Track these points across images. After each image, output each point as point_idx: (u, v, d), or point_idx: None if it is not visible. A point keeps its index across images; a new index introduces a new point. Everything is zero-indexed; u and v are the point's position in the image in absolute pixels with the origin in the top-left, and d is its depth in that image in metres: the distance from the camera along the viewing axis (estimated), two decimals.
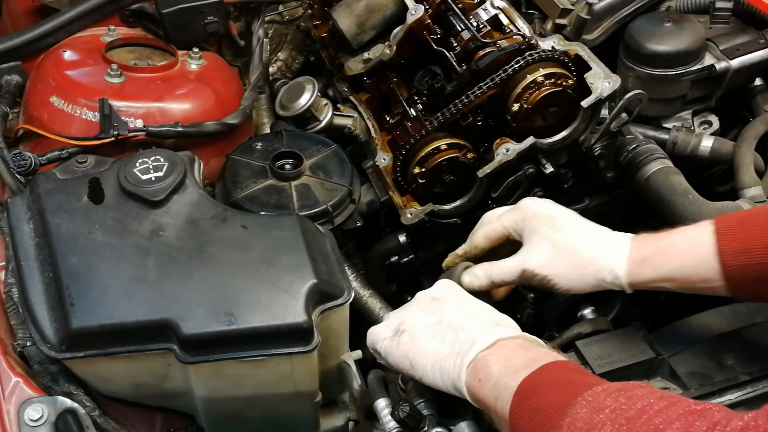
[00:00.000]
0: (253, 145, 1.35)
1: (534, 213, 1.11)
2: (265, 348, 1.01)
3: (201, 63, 1.41)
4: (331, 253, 1.14)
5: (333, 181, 1.31)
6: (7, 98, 1.40)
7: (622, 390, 0.83)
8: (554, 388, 0.88)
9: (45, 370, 1.05)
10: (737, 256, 0.98)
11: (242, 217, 1.12)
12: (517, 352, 0.95)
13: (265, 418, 1.13)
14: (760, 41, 1.48)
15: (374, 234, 1.48)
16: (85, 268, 1.03)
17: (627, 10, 1.52)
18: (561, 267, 1.07)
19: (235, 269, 1.05)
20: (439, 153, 1.34)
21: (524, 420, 0.87)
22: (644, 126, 1.51)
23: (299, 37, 1.79)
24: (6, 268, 1.11)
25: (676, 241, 1.03)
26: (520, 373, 0.90)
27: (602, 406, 0.81)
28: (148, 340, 1.01)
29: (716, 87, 1.50)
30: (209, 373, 1.03)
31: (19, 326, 1.08)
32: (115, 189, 1.12)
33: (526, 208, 1.12)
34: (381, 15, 1.49)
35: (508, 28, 1.39)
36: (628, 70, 1.47)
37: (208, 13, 1.43)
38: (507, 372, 0.92)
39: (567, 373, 0.91)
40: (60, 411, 1.01)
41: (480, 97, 1.33)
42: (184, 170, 1.14)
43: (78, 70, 1.36)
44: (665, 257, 1.03)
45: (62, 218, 1.09)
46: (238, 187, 1.27)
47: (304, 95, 1.43)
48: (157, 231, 1.08)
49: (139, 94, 1.32)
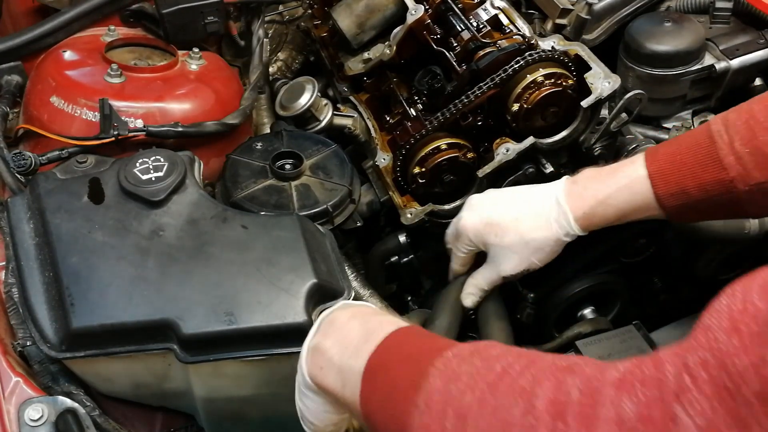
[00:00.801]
0: (253, 145, 1.35)
1: (474, 232, 1.16)
2: (265, 348, 1.01)
3: (201, 63, 1.41)
4: (331, 253, 1.14)
5: (333, 181, 1.31)
6: (7, 98, 1.40)
7: (475, 352, 0.77)
8: (404, 362, 0.82)
9: (45, 370, 1.06)
10: (674, 197, 1.04)
11: (242, 217, 1.13)
12: (350, 326, 0.91)
13: (265, 418, 1.13)
14: (760, 41, 1.48)
15: (374, 234, 1.48)
16: (86, 268, 1.03)
17: (627, 10, 1.52)
18: (530, 257, 1.13)
19: (235, 269, 1.05)
20: (439, 153, 1.34)
21: (376, 402, 0.82)
22: (644, 126, 1.51)
23: (299, 37, 1.79)
24: (6, 268, 1.11)
25: (615, 192, 1.08)
26: (364, 351, 0.85)
27: (458, 374, 0.74)
28: (148, 340, 1.01)
29: (716, 87, 1.49)
30: (209, 373, 1.03)
31: (19, 326, 1.08)
32: (116, 189, 1.12)
33: (466, 230, 1.17)
34: (381, 15, 1.49)
35: (508, 28, 1.39)
36: (628, 70, 1.47)
37: (208, 13, 1.43)
38: (348, 352, 0.87)
39: (414, 341, 0.86)
40: (60, 411, 1.01)
41: (480, 97, 1.33)
42: (184, 170, 1.15)
43: (78, 70, 1.36)
44: (607, 208, 1.08)
45: (62, 218, 1.09)
46: (238, 187, 1.27)
47: (304, 95, 1.43)
48: (157, 231, 1.08)
49: (139, 94, 1.32)
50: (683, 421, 0.53)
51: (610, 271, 1.41)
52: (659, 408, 0.56)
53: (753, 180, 0.97)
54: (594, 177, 1.11)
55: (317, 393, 0.92)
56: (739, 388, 0.50)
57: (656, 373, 0.58)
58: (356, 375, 0.85)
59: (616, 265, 1.41)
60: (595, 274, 1.40)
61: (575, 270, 1.39)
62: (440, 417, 0.73)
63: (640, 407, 0.58)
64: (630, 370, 0.62)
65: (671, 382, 0.56)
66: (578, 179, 1.12)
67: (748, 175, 0.98)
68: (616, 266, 1.41)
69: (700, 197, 1.02)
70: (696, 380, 0.53)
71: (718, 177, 1.00)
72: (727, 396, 0.51)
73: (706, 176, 1.01)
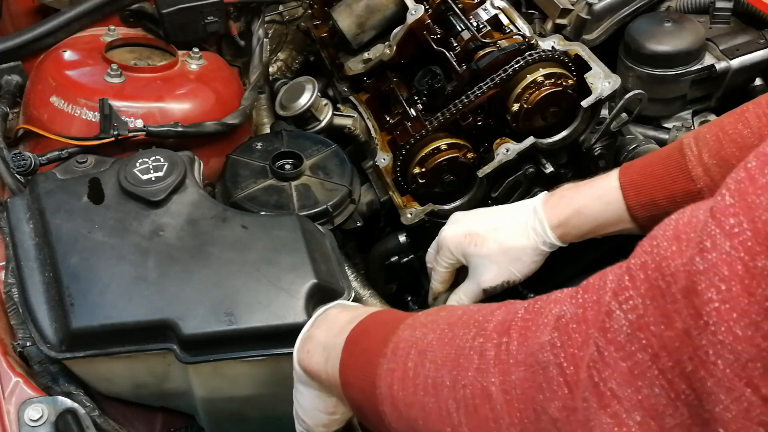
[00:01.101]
0: (253, 145, 1.35)
1: (454, 243, 1.16)
2: (265, 348, 1.01)
3: (201, 63, 1.41)
4: (331, 253, 1.14)
5: (333, 181, 1.31)
6: (7, 98, 1.40)
7: (441, 308, 0.83)
8: (379, 327, 0.86)
9: (45, 370, 1.06)
10: (645, 208, 1.05)
11: (242, 217, 1.13)
12: (339, 315, 0.94)
13: (265, 418, 1.13)
14: (760, 41, 1.48)
15: (374, 234, 1.48)
16: (85, 268, 1.03)
17: (627, 10, 1.52)
18: (508, 267, 1.13)
19: (235, 269, 1.05)
20: (439, 153, 1.34)
21: (351, 367, 0.85)
22: (644, 126, 1.51)
23: (299, 37, 1.79)
24: (6, 268, 1.11)
25: (589, 203, 1.09)
26: (347, 329, 0.89)
27: (423, 323, 0.80)
28: (148, 340, 1.01)
29: (716, 87, 1.49)
30: (209, 373, 1.03)
31: (19, 326, 1.08)
32: (115, 189, 1.12)
33: (446, 242, 1.18)
34: (381, 15, 1.49)
35: (508, 28, 1.39)
36: (628, 70, 1.47)
37: (208, 13, 1.43)
38: (333, 333, 0.91)
39: (392, 313, 0.91)
40: (60, 411, 1.01)
41: (480, 97, 1.33)
42: (184, 170, 1.15)
43: (78, 70, 1.36)
44: (582, 218, 1.09)
45: (62, 218, 1.09)
46: (238, 187, 1.27)
47: (304, 95, 1.43)
48: (157, 231, 1.08)
49: (139, 94, 1.32)
50: (615, 315, 0.57)
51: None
52: (595, 308, 0.60)
53: None
54: (570, 188, 1.13)
55: (307, 384, 0.94)
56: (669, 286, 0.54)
57: (598, 282, 0.63)
58: (338, 348, 0.88)
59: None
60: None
61: (575, 270, 1.39)
62: (404, 359, 0.78)
63: (577, 308, 0.62)
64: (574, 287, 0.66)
65: (611, 285, 0.60)
66: (556, 191, 1.14)
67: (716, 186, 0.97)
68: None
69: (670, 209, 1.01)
70: (633, 280, 0.57)
71: (687, 188, 1.01)
72: (659, 294, 0.54)
73: (675, 187, 1.02)
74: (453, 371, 0.72)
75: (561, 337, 0.62)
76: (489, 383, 0.68)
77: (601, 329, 0.58)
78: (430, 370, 0.74)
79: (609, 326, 0.57)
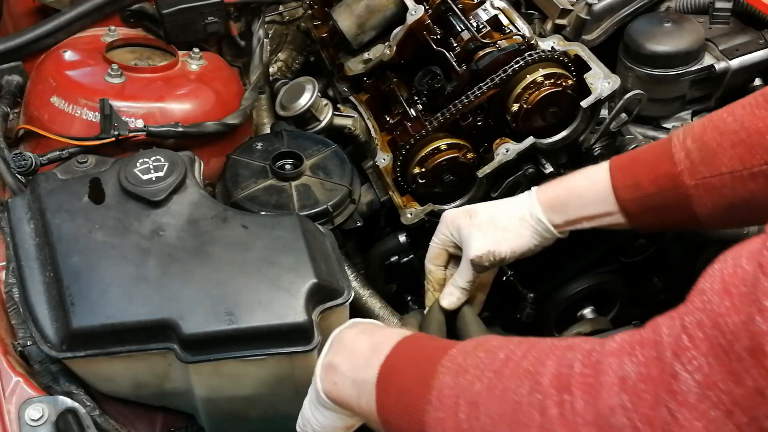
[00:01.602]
0: (253, 145, 1.36)
1: (451, 217, 1.17)
2: (266, 347, 1.01)
3: (201, 63, 1.41)
4: (331, 253, 1.14)
5: (333, 181, 1.31)
6: (7, 98, 1.40)
7: (477, 346, 0.81)
8: (412, 365, 0.85)
9: (45, 370, 1.06)
10: (629, 189, 1.06)
11: (242, 217, 1.13)
12: (359, 341, 0.93)
13: (265, 418, 1.13)
14: (760, 41, 1.48)
15: (374, 234, 1.48)
16: (86, 268, 1.03)
17: (627, 11, 1.52)
18: (496, 236, 1.12)
19: (235, 269, 1.05)
20: (439, 153, 1.34)
21: (391, 407, 0.85)
22: (644, 126, 1.51)
23: (299, 38, 1.79)
24: (6, 268, 1.11)
25: (578, 181, 1.11)
26: (374, 362, 0.88)
27: (464, 367, 0.79)
28: (148, 340, 1.01)
29: (716, 87, 1.50)
30: (209, 373, 1.03)
31: (19, 326, 1.08)
32: (116, 189, 1.12)
33: (445, 218, 1.18)
34: (381, 15, 1.49)
35: (507, 29, 1.39)
36: (628, 71, 1.47)
37: (208, 13, 1.43)
38: (358, 365, 0.90)
39: (419, 345, 0.89)
40: (60, 411, 1.01)
41: (480, 97, 1.33)
42: (185, 170, 1.15)
43: (78, 70, 1.36)
44: (569, 197, 1.10)
45: (63, 218, 1.09)
46: (238, 187, 1.27)
47: (304, 95, 1.43)
48: (158, 231, 1.08)
49: (140, 95, 1.32)
50: (683, 377, 0.57)
51: (609, 271, 1.41)
52: (658, 366, 0.60)
53: (699, 174, 1.00)
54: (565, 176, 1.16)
55: (331, 408, 0.95)
56: (731, 345, 0.54)
57: (653, 336, 0.62)
58: (370, 385, 0.87)
59: (616, 265, 1.41)
60: (594, 274, 1.40)
61: (575, 270, 1.39)
62: (453, 409, 0.77)
63: (640, 367, 0.62)
64: (627, 338, 0.66)
65: (669, 342, 0.60)
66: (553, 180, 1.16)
67: (695, 169, 1.00)
68: (616, 266, 1.41)
69: (651, 191, 1.04)
70: (693, 339, 0.57)
71: (668, 170, 1.03)
72: (722, 352, 0.55)
73: (658, 170, 1.04)
74: (513, 426, 0.71)
75: (631, 400, 0.61)
76: None
77: (669, 392, 0.58)
78: (487, 424, 0.73)
79: (677, 389, 0.57)
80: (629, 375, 0.62)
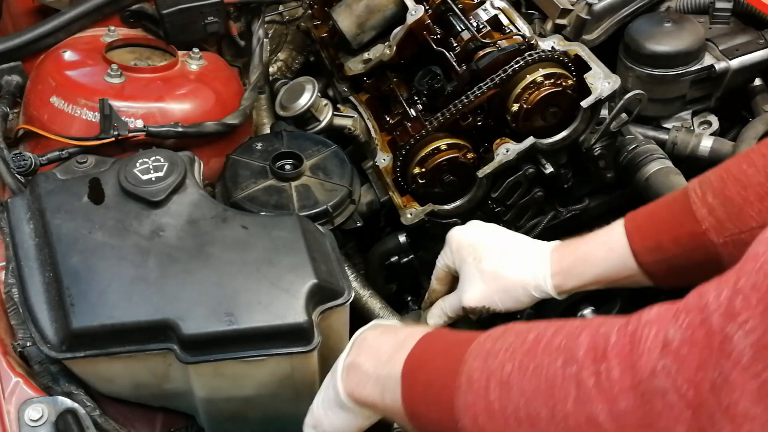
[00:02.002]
0: (253, 145, 1.35)
1: (458, 245, 1.16)
2: (266, 348, 1.01)
3: (201, 63, 1.41)
4: (331, 253, 1.14)
5: (333, 182, 1.31)
6: (7, 98, 1.40)
7: (505, 331, 0.79)
8: (439, 354, 0.84)
9: (45, 370, 1.06)
10: (650, 253, 1.03)
11: (242, 217, 1.13)
12: (381, 340, 0.93)
13: (265, 418, 1.13)
14: (760, 41, 1.49)
15: (374, 234, 1.48)
16: (86, 268, 1.03)
17: (627, 11, 1.52)
18: (494, 294, 1.12)
19: (235, 269, 1.05)
20: (439, 153, 1.34)
21: (418, 399, 0.84)
22: (644, 126, 1.51)
23: (299, 38, 1.79)
24: (6, 268, 1.11)
25: (593, 249, 1.08)
26: (398, 357, 0.87)
27: (494, 350, 0.77)
28: (148, 340, 1.01)
29: (716, 87, 1.50)
30: (209, 373, 1.03)
31: (19, 326, 1.08)
32: (116, 189, 1.12)
33: (451, 241, 1.17)
34: (381, 15, 1.49)
35: (508, 29, 1.39)
36: (628, 70, 1.47)
37: (208, 13, 1.43)
38: (382, 362, 0.89)
39: (445, 338, 0.88)
40: (60, 411, 1.01)
41: (480, 97, 1.33)
42: (185, 170, 1.15)
43: (78, 70, 1.36)
44: (585, 266, 1.07)
45: (62, 218, 1.09)
46: (238, 188, 1.27)
47: (304, 95, 1.43)
48: (158, 231, 1.08)
49: (140, 95, 1.32)
50: (735, 339, 0.57)
51: None
52: (705, 330, 0.59)
53: (727, 231, 0.96)
54: (580, 238, 1.11)
55: (350, 409, 0.94)
56: None
57: (698, 301, 0.61)
58: (394, 380, 0.86)
59: None
60: None
61: None
62: (484, 391, 0.75)
63: (683, 332, 0.61)
64: (667, 306, 0.64)
65: (718, 305, 0.59)
66: (568, 241, 1.12)
67: (722, 226, 0.97)
68: None
69: (676, 252, 1.01)
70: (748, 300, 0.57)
71: (692, 230, 0.99)
72: None
73: (680, 230, 1.00)
74: (549, 402, 0.69)
75: (675, 363, 0.61)
76: (594, 413, 0.65)
77: (720, 351, 0.58)
78: (520, 402, 0.72)
79: (729, 348, 0.57)
80: (671, 340, 0.61)
